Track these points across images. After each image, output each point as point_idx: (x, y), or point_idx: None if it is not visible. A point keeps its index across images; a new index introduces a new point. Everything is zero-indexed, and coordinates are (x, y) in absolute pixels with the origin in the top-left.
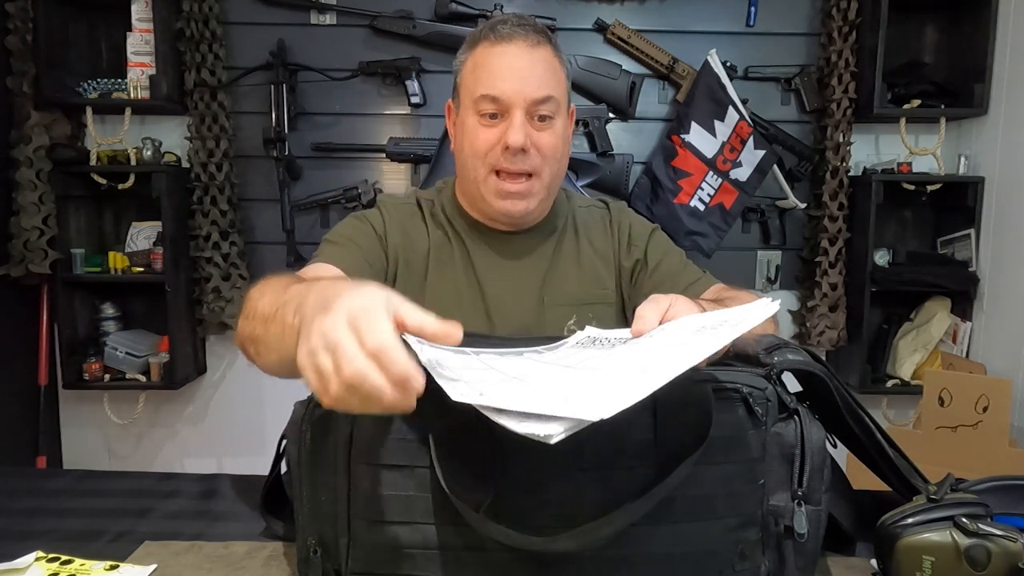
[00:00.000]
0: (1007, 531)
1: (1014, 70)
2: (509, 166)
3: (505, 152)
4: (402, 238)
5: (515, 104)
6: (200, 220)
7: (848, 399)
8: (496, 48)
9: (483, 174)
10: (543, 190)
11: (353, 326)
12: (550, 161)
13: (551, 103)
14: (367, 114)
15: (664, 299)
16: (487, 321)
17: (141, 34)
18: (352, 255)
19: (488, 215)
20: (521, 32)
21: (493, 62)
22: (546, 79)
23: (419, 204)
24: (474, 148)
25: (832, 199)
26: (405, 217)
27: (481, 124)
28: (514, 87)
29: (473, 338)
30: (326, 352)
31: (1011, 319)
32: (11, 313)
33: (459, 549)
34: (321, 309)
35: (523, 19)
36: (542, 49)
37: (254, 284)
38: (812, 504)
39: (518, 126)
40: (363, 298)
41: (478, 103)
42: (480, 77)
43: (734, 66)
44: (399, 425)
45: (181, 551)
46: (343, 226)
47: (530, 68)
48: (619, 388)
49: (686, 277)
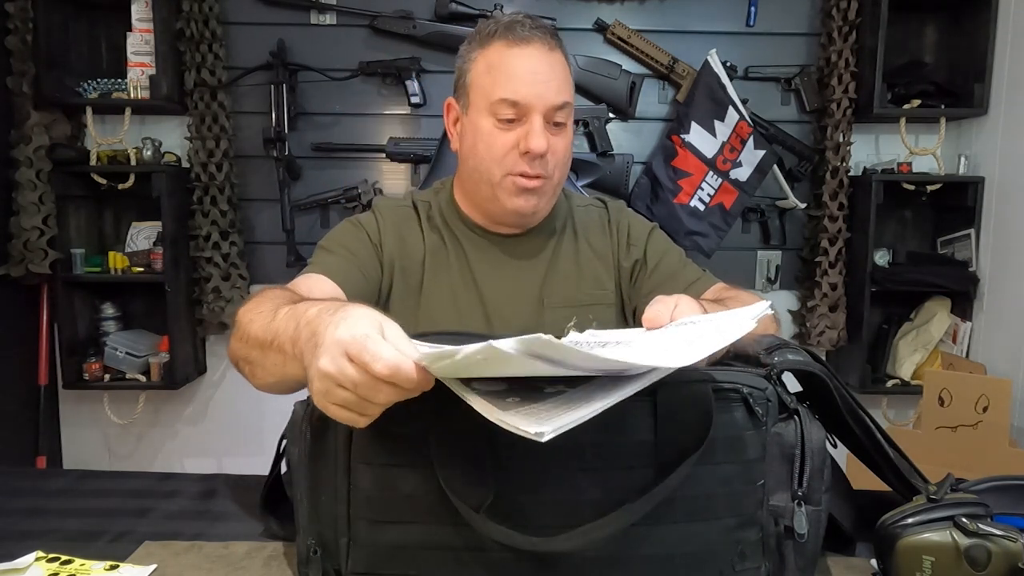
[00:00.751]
0: (1007, 531)
1: (1014, 70)
2: (527, 170)
3: (524, 156)
4: (397, 244)
5: (535, 109)
6: (200, 220)
7: (848, 399)
8: (514, 50)
9: (498, 176)
10: (552, 190)
11: (358, 360)
12: (562, 165)
13: (567, 109)
14: (367, 114)
15: (670, 299)
16: (486, 324)
17: (141, 34)
18: (346, 264)
19: (494, 217)
20: (539, 35)
21: (511, 64)
22: (564, 84)
23: (415, 206)
24: (490, 152)
25: (832, 199)
26: (400, 221)
27: (498, 128)
28: (535, 91)
29: (474, 338)
30: (342, 389)
31: (1011, 319)
32: (11, 313)
33: (459, 549)
34: (317, 346)
35: (536, 20)
36: (557, 53)
37: (244, 302)
38: (812, 504)
39: (539, 131)
40: (354, 328)
41: (496, 107)
42: (498, 79)
43: (734, 66)
44: (399, 425)
45: (181, 551)
46: (338, 232)
47: (550, 72)
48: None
49: (686, 276)
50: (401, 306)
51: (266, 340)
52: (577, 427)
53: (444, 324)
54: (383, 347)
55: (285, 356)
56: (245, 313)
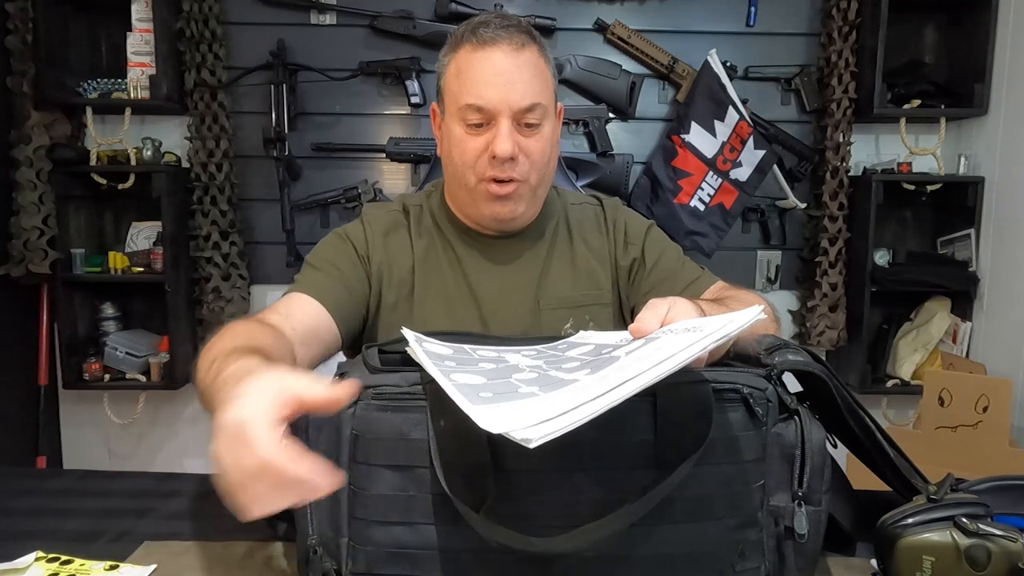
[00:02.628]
0: (1007, 531)
1: (1014, 70)
2: (498, 174)
3: (492, 161)
4: (385, 254)
5: (501, 113)
6: (200, 220)
7: (848, 399)
8: (479, 53)
9: (472, 182)
10: (530, 193)
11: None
12: (538, 167)
13: (538, 110)
14: (367, 114)
15: (663, 303)
16: (482, 327)
17: (141, 34)
18: (330, 281)
19: (477, 220)
20: (505, 35)
21: (476, 68)
22: (532, 85)
23: (406, 211)
24: (463, 158)
25: (832, 199)
26: (389, 229)
27: (467, 133)
28: (499, 95)
29: (470, 337)
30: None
31: (1011, 319)
32: (11, 313)
33: (459, 550)
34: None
35: (507, 19)
36: (527, 52)
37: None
38: (812, 505)
39: (505, 135)
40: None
41: (463, 112)
42: (464, 84)
43: (734, 66)
44: (399, 425)
45: (181, 551)
46: (325, 246)
47: (516, 74)
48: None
49: (685, 275)
50: (393, 316)
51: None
52: (577, 427)
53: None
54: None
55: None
56: (206, 349)
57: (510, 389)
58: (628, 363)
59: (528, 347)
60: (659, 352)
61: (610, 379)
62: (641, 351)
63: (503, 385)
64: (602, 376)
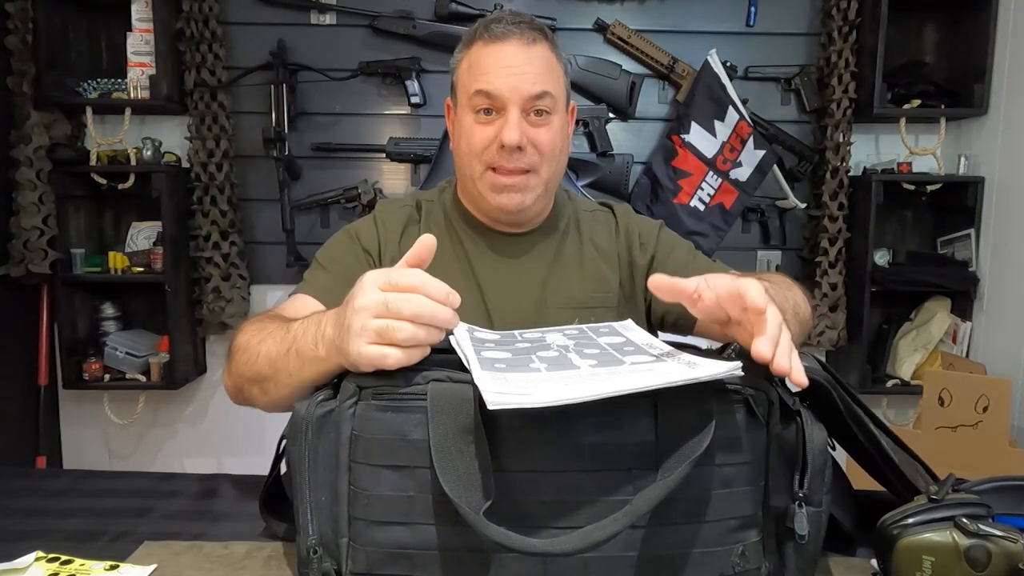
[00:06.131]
0: (1007, 532)
1: (1014, 70)
2: (505, 163)
3: (501, 150)
4: (397, 250)
5: (510, 101)
6: (200, 220)
7: (852, 406)
8: (491, 46)
9: (479, 171)
10: (540, 185)
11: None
12: (548, 158)
13: (547, 99)
14: (367, 114)
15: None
16: (488, 323)
17: (141, 34)
18: (337, 282)
19: (487, 213)
20: (516, 30)
21: (487, 60)
22: (542, 75)
23: (418, 206)
24: (471, 146)
25: (832, 199)
26: (401, 225)
27: (477, 122)
28: (509, 83)
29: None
30: (378, 317)
31: (1011, 319)
32: (11, 313)
33: (459, 550)
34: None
35: (519, 16)
36: (538, 46)
37: (240, 332)
38: (813, 505)
39: (514, 123)
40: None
41: (472, 99)
42: (475, 75)
43: (734, 66)
44: (399, 425)
45: (181, 551)
46: (333, 244)
47: (526, 64)
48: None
49: (698, 267)
50: None
51: (280, 352)
52: (577, 427)
53: None
54: (404, 269)
55: (303, 360)
56: (251, 338)
57: (524, 364)
58: (623, 371)
59: (575, 327)
60: (651, 374)
61: (599, 380)
62: (643, 366)
63: (521, 360)
64: (595, 374)
